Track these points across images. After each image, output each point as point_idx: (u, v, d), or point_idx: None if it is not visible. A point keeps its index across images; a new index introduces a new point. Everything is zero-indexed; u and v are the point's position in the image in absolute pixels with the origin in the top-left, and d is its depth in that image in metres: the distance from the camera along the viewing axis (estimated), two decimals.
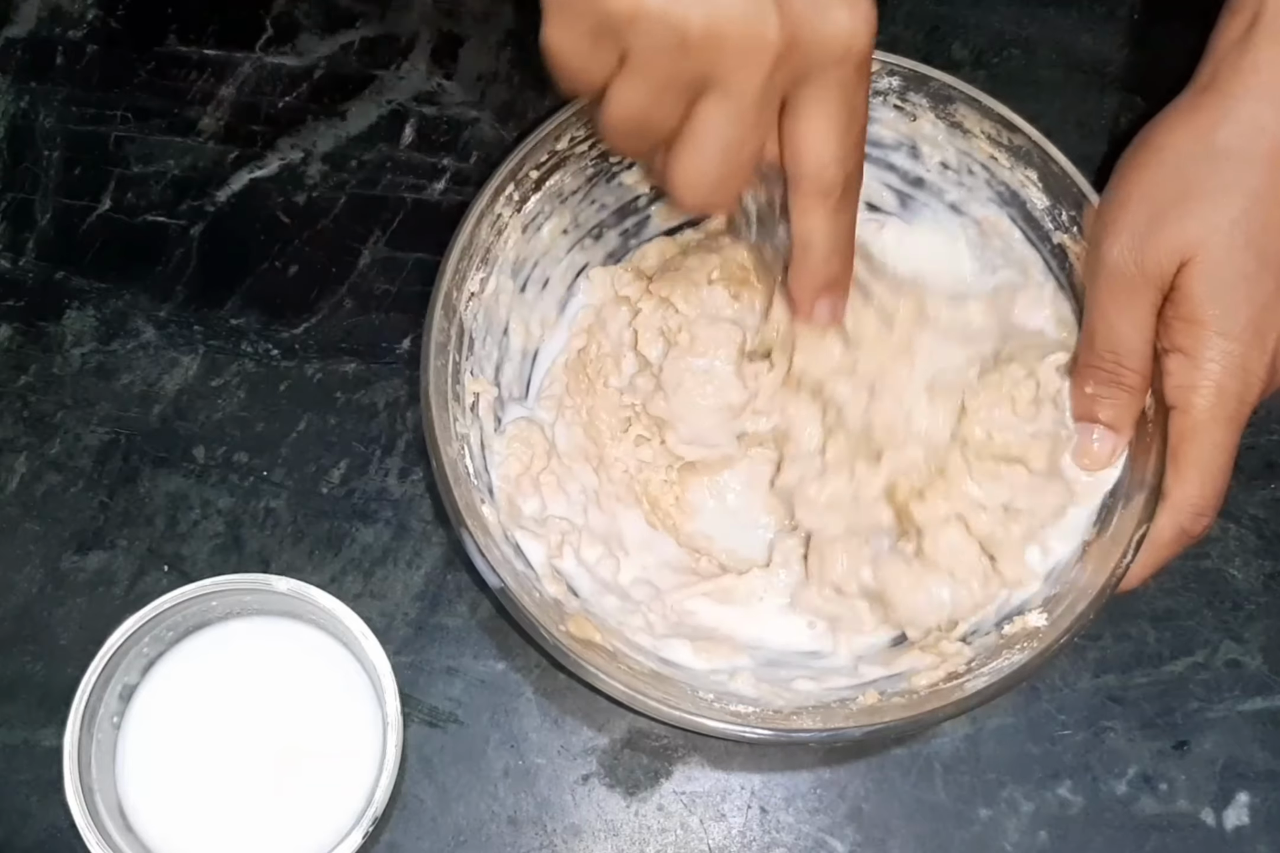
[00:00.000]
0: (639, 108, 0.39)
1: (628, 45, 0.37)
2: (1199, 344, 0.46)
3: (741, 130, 0.39)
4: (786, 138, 0.41)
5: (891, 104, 0.54)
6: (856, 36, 0.38)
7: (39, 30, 0.63)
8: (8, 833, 0.51)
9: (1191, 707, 0.54)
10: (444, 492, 0.47)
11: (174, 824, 0.49)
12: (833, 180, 0.41)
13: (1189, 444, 0.47)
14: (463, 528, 0.47)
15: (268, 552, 0.55)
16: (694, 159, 0.40)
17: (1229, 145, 0.47)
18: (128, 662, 0.49)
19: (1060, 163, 0.51)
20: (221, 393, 0.57)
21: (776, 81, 0.38)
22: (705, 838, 0.52)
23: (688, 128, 0.39)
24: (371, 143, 0.61)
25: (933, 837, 0.52)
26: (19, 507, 0.55)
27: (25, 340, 0.58)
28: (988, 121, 0.52)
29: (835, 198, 0.42)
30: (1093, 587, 0.47)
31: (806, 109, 0.40)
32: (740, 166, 0.41)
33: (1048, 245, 0.53)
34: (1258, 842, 0.52)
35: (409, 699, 0.53)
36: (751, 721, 0.47)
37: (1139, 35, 0.63)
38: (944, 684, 0.48)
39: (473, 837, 0.52)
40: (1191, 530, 0.47)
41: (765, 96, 0.39)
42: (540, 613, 0.47)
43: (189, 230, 0.60)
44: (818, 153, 0.41)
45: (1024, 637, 0.48)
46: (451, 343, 0.50)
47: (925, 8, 0.64)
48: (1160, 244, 0.47)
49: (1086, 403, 0.50)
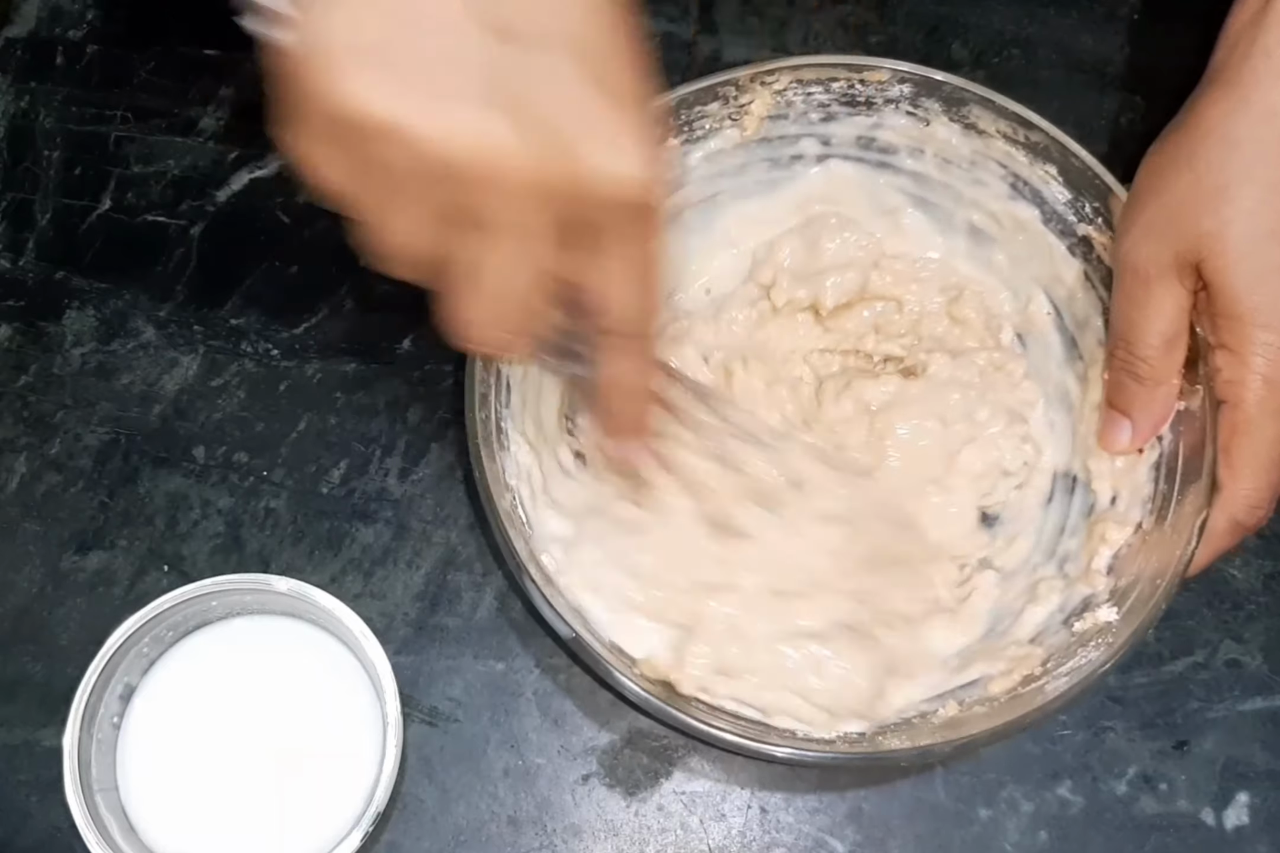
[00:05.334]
0: (404, 236, 0.35)
1: (381, 163, 0.33)
2: (1241, 339, 0.46)
3: (525, 273, 0.35)
4: (584, 281, 0.37)
5: (904, 111, 0.54)
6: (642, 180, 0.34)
7: (39, 30, 0.63)
8: (8, 833, 0.51)
9: (1191, 707, 0.54)
10: (504, 545, 0.46)
11: (174, 824, 0.49)
12: (637, 327, 0.39)
13: (1241, 438, 0.47)
14: (527, 579, 0.46)
15: (268, 552, 0.55)
16: (466, 300, 0.36)
17: (1239, 134, 0.47)
18: (128, 662, 0.49)
19: (1080, 156, 0.51)
20: (221, 393, 0.57)
21: (553, 220, 0.34)
22: (705, 838, 0.52)
23: (467, 267, 0.35)
24: None
25: (933, 837, 0.52)
26: (19, 507, 0.55)
27: (25, 340, 0.58)
28: (1003, 120, 0.52)
29: (641, 341, 0.40)
30: (1160, 576, 0.46)
31: (600, 257, 0.36)
32: (529, 309, 0.37)
33: (1072, 238, 0.53)
34: (1258, 842, 0.52)
35: (409, 699, 0.53)
36: (839, 747, 0.46)
37: (1139, 35, 0.63)
38: (1022, 689, 0.47)
39: (473, 837, 0.52)
40: (1246, 523, 0.47)
41: (549, 237, 0.34)
42: (612, 657, 0.47)
43: (189, 230, 0.60)
44: (619, 302, 0.38)
45: (1096, 632, 0.47)
46: (492, 392, 0.50)
47: (925, 8, 0.64)
48: (1173, 237, 0.47)
49: (1107, 387, 0.51)
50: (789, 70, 0.53)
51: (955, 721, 0.47)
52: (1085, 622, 0.48)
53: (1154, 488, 0.50)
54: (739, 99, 0.53)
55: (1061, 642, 0.49)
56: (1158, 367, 0.48)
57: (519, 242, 0.34)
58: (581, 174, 0.33)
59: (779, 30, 0.64)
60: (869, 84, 0.53)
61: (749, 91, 0.53)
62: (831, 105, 0.54)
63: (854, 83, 0.53)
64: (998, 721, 0.45)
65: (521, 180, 0.33)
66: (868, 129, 0.55)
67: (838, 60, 0.53)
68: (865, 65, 0.53)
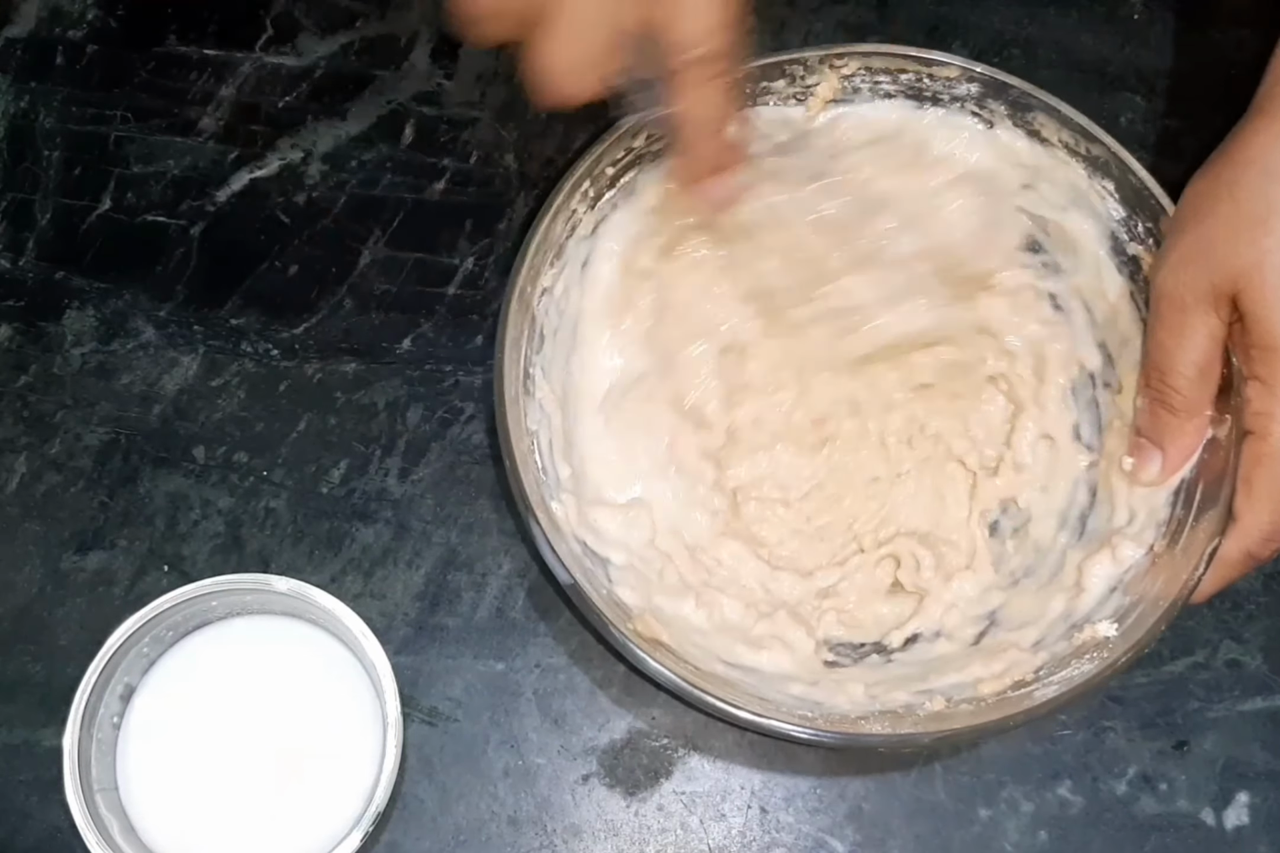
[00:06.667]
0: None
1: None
2: (1273, 371, 0.46)
3: (593, 15, 0.38)
4: (659, 12, 0.39)
5: (969, 110, 0.53)
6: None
7: (39, 30, 0.63)
8: (8, 833, 0.51)
9: (1191, 707, 0.54)
10: (514, 484, 0.47)
11: (174, 824, 0.49)
12: (713, 52, 0.40)
13: (1263, 470, 0.46)
14: (533, 521, 0.47)
15: (268, 552, 0.55)
16: (554, 43, 0.39)
17: (1278, 166, 0.47)
18: (128, 662, 0.49)
19: (1139, 175, 0.51)
20: (221, 393, 0.57)
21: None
22: (705, 838, 0.52)
23: (545, 11, 0.38)
24: (371, 143, 0.61)
25: (933, 837, 0.52)
26: (19, 507, 0.55)
27: (25, 340, 0.58)
28: (1066, 131, 0.52)
29: (717, 69, 0.41)
30: (1164, 599, 0.46)
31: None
32: (603, 47, 0.39)
33: (1122, 256, 0.53)
34: (1258, 842, 0.52)
35: (409, 699, 0.53)
36: (819, 724, 0.46)
37: (1139, 35, 0.63)
38: (1011, 693, 0.48)
39: (473, 837, 0.52)
40: (1259, 555, 0.47)
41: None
42: (608, 611, 0.47)
43: (189, 230, 0.60)
44: (691, 26, 0.39)
45: (1094, 646, 0.48)
46: (524, 338, 0.50)
47: (925, 8, 0.64)
48: (1210, 267, 0.46)
49: (1139, 417, 0.50)
50: (859, 56, 0.53)
51: (940, 715, 0.48)
52: (1085, 634, 0.49)
53: (1171, 512, 0.50)
54: (805, 80, 0.53)
55: (1060, 651, 0.49)
56: (1190, 397, 0.48)
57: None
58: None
59: (779, 30, 0.64)
60: (937, 79, 0.53)
61: (816, 72, 0.53)
62: (897, 97, 0.54)
63: (922, 76, 0.53)
64: (982, 719, 0.46)
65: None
66: None
67: (911, 52, 0.53)
68: (936, 60, 0.52)
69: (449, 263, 0.59)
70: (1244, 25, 0.62)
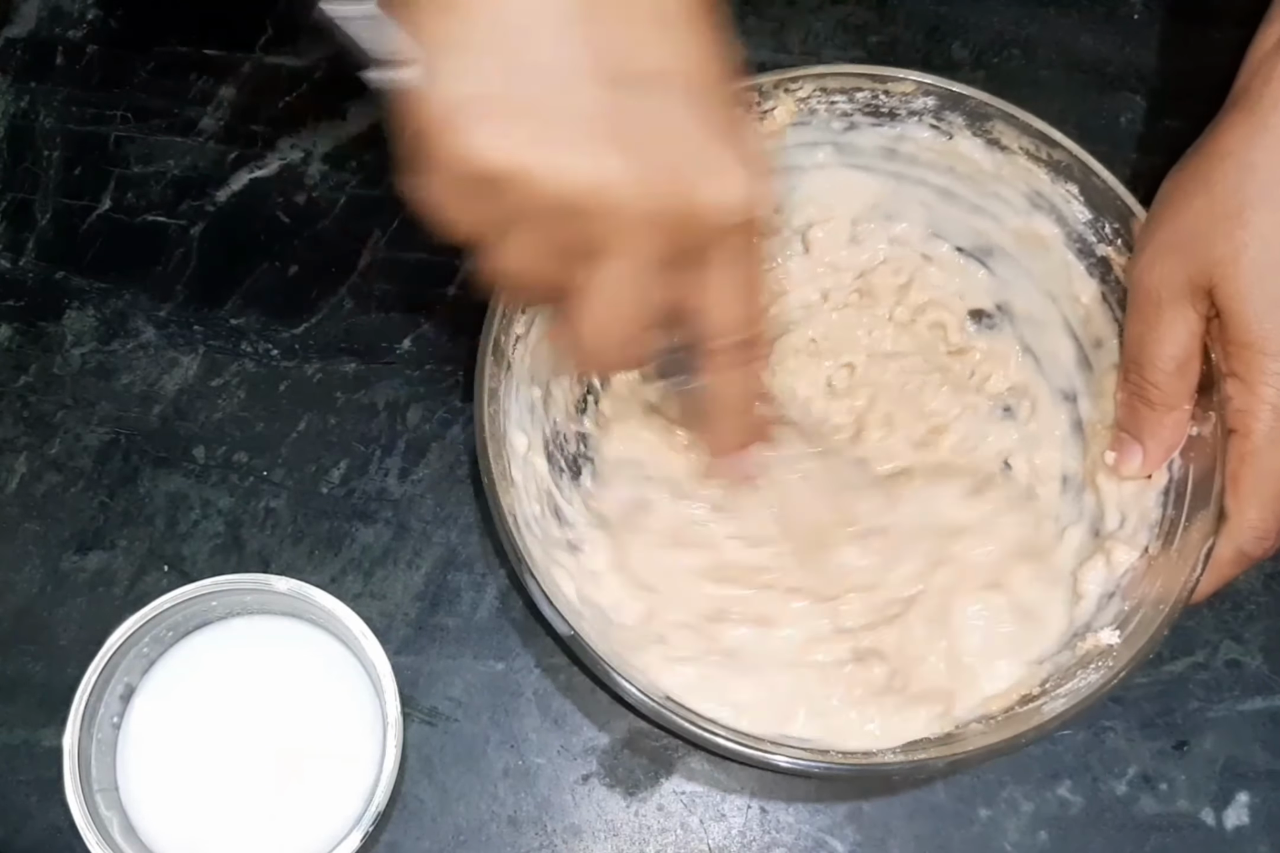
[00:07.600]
0: (526, 265, 0.38)
1: (507, 205, 0.36)
2: (1251, 368, 0.46)
3: (638, 295, 0.38)
4: (693, 299, 0.40)
5: (927, 124, 0.53)
6: (749, 206, 0.37)
7: (39, 30, 0.63)
8: (8, 833, 0.51)
9: (1191, 707, 0.54)
10: (505, 538, 0.46)
11: (174, 824, 0.49)
12: (743, 337, 0.41)
13: (1248, 468, 0.46)
14: (528, 575, 0.46)
15: (268, 552, 0.55)
16: (593, 323, 0.39)
17: (1257, 159, 0.47)
18: (128, 662, 0.49)
19: (1102, 176, 0.51)
20: (221, 393, 0.57)
21: (671, 245, 0.37)
22: (705, 838, 0.52)
23: (583, 291, 0.38)
24: (371, 143, 0.61)
25: (933, 837, 0.52)
26: (19, 507, 0.55)
27: (25, 340, 0.58)
28: (1025, 137, 0.52)
29: (746, 355, 0.42)
30: (1164, 602, 0.46)
31: (708, 274, 0.39)
32: (641, 328, 0.39)
33: (1091, 258, 0.53)
34: (1258, 842, 0.52)
35: (409, 699, 0.53)
36: (832, 756, 0.46)
37: (1139, 35, 0.63)
38: (1020, 708, 0.47)
39: (473, 837, 0.52)
40: (1252, 553, 0.47)
41: (660, 261, 0.37)
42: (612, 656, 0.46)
43: (189, 230, 0.60)
44: (724, 316, 0.40)
45: (1097, 655, 0.47)
46: (502, 388, 0.49)
47: (925, 8, 0.64)
48: (1186, 261, 0.46)
49: (1119, 411, 0.51)
50: (813, 78, 0.52)
51: (951, 737, 0.47)
52: (1087, 643, 0.48)
53: (1162, 513, 0.49)
54: (762, 105, 0.53)
55: (1063, 662, 0.48)
56: (1168, 391, 0.48)
57: (631, 267, 0.37)
58: (695, 206, 0.36)
59: (779, 30, 0.64)
60: (893, 95, 0.53)
61: (772, 97, 0.53)
62: (855, 114, 0.54)
63: (878, 93, 0.53)
64: (993, 738, 0.45)
65: (637, 214, 0.36)
66: (891, 141, 0.54)
67: (863, 70, 0.52)
68: (890, 76, 0.52)
69: (449, 263, 0.59)
70: (1244, 25, 0.62)
